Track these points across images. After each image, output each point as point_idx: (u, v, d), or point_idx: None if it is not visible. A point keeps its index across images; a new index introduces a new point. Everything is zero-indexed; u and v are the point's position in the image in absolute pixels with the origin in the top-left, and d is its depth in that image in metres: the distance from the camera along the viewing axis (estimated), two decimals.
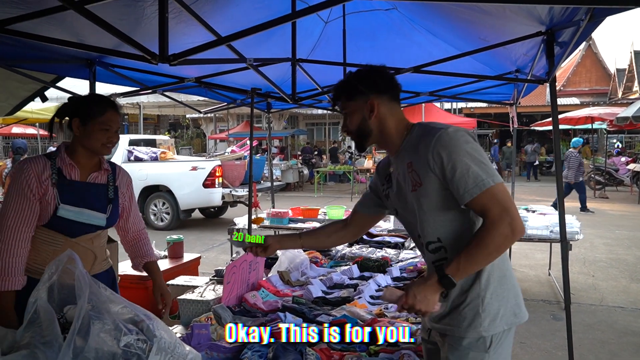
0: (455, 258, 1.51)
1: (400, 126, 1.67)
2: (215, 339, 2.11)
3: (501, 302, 1.57)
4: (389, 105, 1.66)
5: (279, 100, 4.71)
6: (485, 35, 3.36)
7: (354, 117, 1.68)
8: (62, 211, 2.01)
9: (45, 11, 1.92)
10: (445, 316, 1.62)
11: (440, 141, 1.51)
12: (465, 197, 1.48)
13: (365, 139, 1.70)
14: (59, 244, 2.05)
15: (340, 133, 23.69)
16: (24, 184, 1.98)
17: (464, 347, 1.57)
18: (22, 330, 1.39)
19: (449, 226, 1.58)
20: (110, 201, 2.17)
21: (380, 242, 3.97)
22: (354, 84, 1.66)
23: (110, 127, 2.06)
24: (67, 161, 2.07)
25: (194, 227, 9.80)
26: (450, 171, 1.49)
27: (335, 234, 2.00)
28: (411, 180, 1.60)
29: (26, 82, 3.83)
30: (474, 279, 1.57)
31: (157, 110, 21.45)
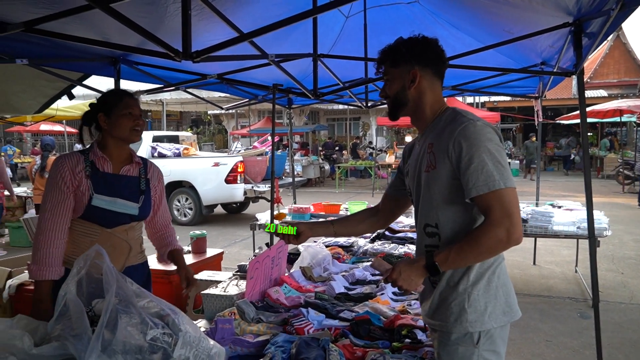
0: (447, 249, 1.53)
1: (435, 105, 1.67)
2: (238, 334, 2.13)
3: (488, 300, 1.56)
4: (430, 80, 1.65)
5: (300, 95, 4.71)
6: (509, 28, 3.29)
7: (394, 84, 1.66)
8: (96, 200, 2.10)
9: (72, 10, 1.95)
10: (435, 310, 1.63)
11: (464, 131, 1.51)
12: (472, 191, 1.49)
13: (400, 108, 1.69)
14: (95, 235, 2.14)
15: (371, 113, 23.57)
16: (58, 178, 2.08)
17: (452, 342, 1.58)
18: (53, 323, 1.42)
19: (450, 216, 1.60)
20: (142, 192, 2.26)
21: (402, 238, 3.94)
22: (401, 51, 1.63)
23: (133, 111, 2.15)
24: (100, 154, 2.17)
25: (216, 223, 9.90)
26: (465, 163, 1.49)
27: (367, 220, 2.02)
28: (427, 160, 1.62)
29: (54, 80, 3.92)
30: (462, 275, 1.58)
31: (180, 106, 21.70)
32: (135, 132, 2.17)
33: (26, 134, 22.10)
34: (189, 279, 2.34)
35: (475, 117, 1.56)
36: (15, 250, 7.05)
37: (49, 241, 2.04)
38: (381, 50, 1.70)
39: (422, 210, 1.67)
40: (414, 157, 1.74)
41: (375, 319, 2.18)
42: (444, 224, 1.60)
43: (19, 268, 3.78)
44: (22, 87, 4.07)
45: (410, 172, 1.77)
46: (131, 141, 2.22)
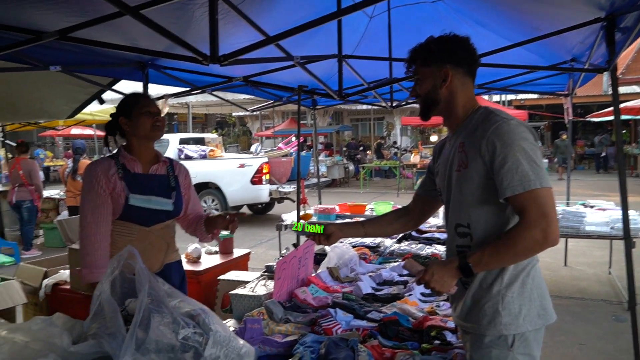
0: (480, 249, 1.51)
1: (468, 104, 1.65)
2: (267, 334, 2.14)
3: (523, 303, 1.53)
4: (462, 79, 1.63)
5: (324, 96, 4.72)
6: (538, 24, 3.22)
7: (425, 83, 1.65)
8: (132, 200, 2.17)
9: (103, 18, 2.01)
10: (467, 312, 1.60)
11: (498, 130, 1.48)
12: (506, 191, 1.46)
13: (432, 108, 1.67)
14: (134, 234, 2.21)
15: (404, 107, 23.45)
16: (94, 183, 2.16)
17: (486, 345, 1.55)
18: (89, 322, 1.46)
19: (482, 216, 1.57)
20: (173, 189, 2.33)
21: (429, 238, 3.91)
22: (433, 50, 1.62)
23: (150, 109, 2.23)
24: (128, 156, 2.25)
25: (242, 223, 9.89)
26: (499, 162, 1.46)
27: (398, 221, 2.01)
28: (458, 160, 1.59)
29: (85, 86, 4.03)
30: (496, 276, 1.55)
31: (205, 109, 22.03)
32: (156, 128, 2.25)
33: (58, 138, 22.74)
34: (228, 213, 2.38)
35: (509, 116, 1.53)
36: (50, 251, 7.28)
37: (95, 244, 2.13)
38: (412, 49, 1.68)
39: (453, 210, 1.65)
40: (445, 156, 1.73)
41: (403, 320, 2.17)
42: (476, 224, 1.58)
43: (54, 268, 3.90)
44: (56, 93, 4.20)
45: (440, 171, 1.75)
46: (153, 138, 2.28)
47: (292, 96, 5.03)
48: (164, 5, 1.98)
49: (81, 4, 2.18)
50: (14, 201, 7.31)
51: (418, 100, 1.70)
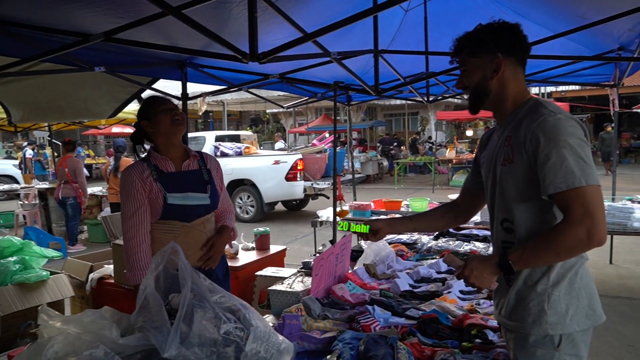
0: (521, 247, 1.46)
1: (519, 96, 1.57)
2: (305, 330, 2.16)
3: (570, 302, 1.49)
4: (514, 69, 1.56)
5: (359, 92, 4.69)
6: (583, 12, 3.10)
7: (474, 74, 1.57)
8: (170, 199, 2.23)
9: (146, 18, 2.05)
10: (511, 310, 1.56)
11: (544, 124, 1.42)
12: (548, 188, 1.40)
13: (482, 100, 1.59)
14: (176, 230, 2.27)
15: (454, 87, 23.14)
16: (130, 187, 2.22)
17: (531, 344, 1.51)
18: (135, 315, 1.50)
19: (526, 212, 1.51)
20: (207, 182, 2.37)
21: (467, 235, 3.84)
22: (483, 39, 1.53)
23: (166, 106, 2.27)
24: (159, 157, 2.30)
25: (277, 220, 10.09)
26: (543, 158, 1.41)
27: (447, 215, 1.97)
28: (504, 153, 1.54)
29: (126, 85, 4.14)
30: (542, 274, 1.50)
31: (240, 106, 22.30)
32: (176, 122, 2.27)
33: (99, 136, 23.55)
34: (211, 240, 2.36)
35: (558, 109, 1.46)
36: (94, 246, 7.55)
37: (136, 247, 2.19)
38: (458, 39, 1.60)
39: (498, 204, 1.60)
40: (491, 148, 1.67)
41: (443, 318, 2.14)
42: (519, 220, 1.53)
43: (99, 262, 4.04)
44: (99, 93, 4.34)
45: (485, 163, 1.70)
46: (176, 133, 2.29)
47: (328, 92, 5.03)
48: (204, 5, 2.01)
49: (124, 6, 2.25)
50: (60, 197, 7.63)
51: (466, 92, 1.64)
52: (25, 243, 3.91)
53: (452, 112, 20.81)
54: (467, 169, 14.52)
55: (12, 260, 3.64)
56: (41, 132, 10.23)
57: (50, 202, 8.60)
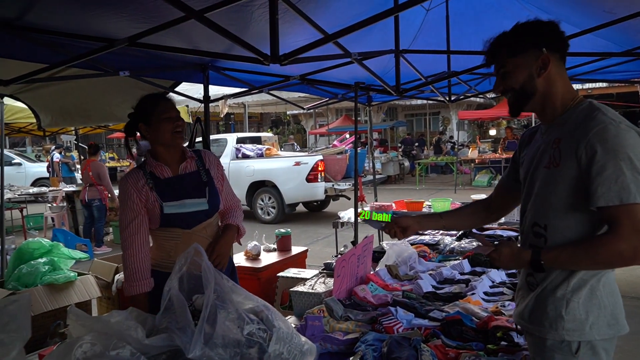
0: (558, 249, 1.43)
1: (567, 95, 1.49)
2: (328, 331, 2.15)
3: (591, 310, 1.44)
4: (559, 66, 1.48)
5: (380, 92, 4.67)
6: (610, 8, 3.03)
7: (518, 74, 1.48)
8: (167, 209, 2.17)
9: (170, 23, 2.08)
10: (529, 313, 1.53)
11: (603, 133, 1.35)
12: (599, 201, 1.34)
13: (527, 101, 1.51)
14: (178, 237, 2.22)
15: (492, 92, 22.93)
16: (126, 198, 2.18)
17: (548, 349, 1.48)
18: (160, 316, 1.53)
19: (563, 221, 1.45)
20: (206, 184, 2.27)
21: (491, 236, 3.78)
22: (524, 36, 1.46)
23: (170, 114, 2.16)
24: (154, 163, 2.22)
25: (298, 221, 10.11)
26: (598, 169, 1.34)
27: (478, 214, 1.90)
28: (550, 156, 1.47)
29: (149, 89, 4.19)
30: (562, 280, 1.46)
31: (260, 108, 22.48)
32: (177, 134, 2.18)
33: (124, 139, 23.99)
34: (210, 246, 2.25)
35: (619, 118, 1.38)
36: (119, 248, 7.69)
37: (132, 257, 2.15)
38: (493, 40, 1.52)
39: (533, 207, 1.54)
40: (533, 147, 1.59)
41: (467, 320, 2.11)
42: (554, 228, 1.47)
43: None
44: (123, 97, 4.41)
45: (525, 162, 1.62)
46: (174, 145, 2.21)
47: (348, 93, 5.02)
48: (225, 8, 2.03)
49: (148, 12, 2.28)
50: (86, 200, 7.81)
51: (507, 95, 1.55)
52: (54, 245, 4.01)
53: (474, 112, 20.56)
54: (490, 168, 14.31)
55: (41, 262, 3.74)
56: (68, 136, 10.48)
57: (77, 205, 8.80)
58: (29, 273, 3.64)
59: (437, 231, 4.04)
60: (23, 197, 10.01)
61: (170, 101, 2.23)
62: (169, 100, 2.23)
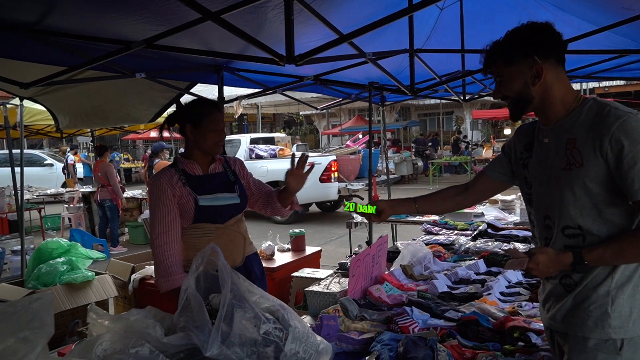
0: (601, 247, 1.41)
1: (568, 96, 1.51)
2: (343, 331, 2.16)
3: (634, 305, 1.43)
4: (555, 71, 1.49)
5: (394, 92, 4.66)
6: (629, 5, 2.98)
7: (514, 83, 1.50)
8: (202, 201, 2.23)
9: (186, 25, 2.11)
10: (566, 314, 1.50)
11: (625, 126, 1.35)
12: (638, 193, 1.35)
13: (524, 108, 1.53)
14: (211, 234, 2.27)
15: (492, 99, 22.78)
16: (159, 194, 2.22)
17: (590, 349, 1.45)
18: (178, 315, 1.54)
19: (598, 218, 1.45)
20: (234, 183, 2.37)
21: (506, 235, 3.74)
22: (516, 46, 1.47)
23: (218, 126, 2.25)
24: (186, 161, 2.30)
25: (312, 221, 10.12)
26: (628, 162, 1.34)
27: (452, 199, 1.91)
28: (567, 157, 1.46)
29: (165, 90, 4.25)
30: (606, 276, 1.45)
31: (273, 109, 22.56)
32: (218, 146, 2.29)
33: (138, 141, 24.27)
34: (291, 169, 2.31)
35: (631, 110, 1.40)
36: (135, 248, 7.78)
37: (165, 254, 2.18)
38: (488, 50, 1.54)
39: (560, 210, 1.51)
40: (541, 150, 1.59)
41: (483, 320, 2.10)
42: (588, 227, 1.46)
43: (140, 263, 4.17)
44: (140, 98, 4.47)
45: (532, 165, 1.62)
46: (214, 154, 2.32)
47: (362, 93, 5.02)
48: (241, 10, 2.04)
49: (164, 14, 2.31)
50: (99, 200, 7.94)
51: (506, 101, 1.57)
52: (72, 245, 4.07)
53: (488, 111, 20.39)
54: None
55: (60, 261, 3.80)
56: (85, 137, 10.63)
57: (93, 205, 8.92)
58: (48, 272, 3.71)
59: (452, 231, 4.02)
60: (41, 198, 10.18)
61: (222, 114, 2.33)
62: (221, 112, 2.32)
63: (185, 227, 2.27)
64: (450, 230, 4.07)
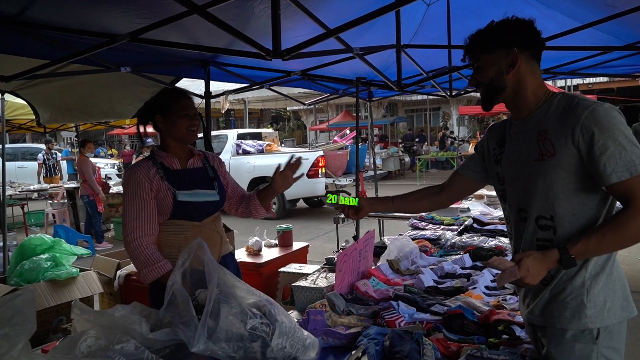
0: (583, 239, 1.42)
1: (539, 90, 1.56)
2: (330, 325, 2.16)
3: (608, 294, 1.48)
4: (530, 64, 1.55)
5: (382, 88, 4.67)
6: (612, 1, 3.02)
7: (489, 70, 1.56)
8: (180, 196, 2.16)
9: (171, 18, 2.08)
10: (544, 307, 1.54)
11: (593, 115, 1.41)
12: (611, 177, 1.38)
13: (496, 95, 1.58)
14: (187, 231, 2.21)
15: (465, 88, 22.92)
16: (136, 186, 2.13)
17: (568, 340, 1.49)
18: (164, 310, 1.53)
19: (570, 208, 1.48)
20: (213, 179, 2.32)
21: (492, 230, 3.79)
22: (496, 34, 1.54)
23: (188, 112, 2.19)
24: (164, 154, 2.23)
25: (299, 217, 10.12)
26: (599, 148, 1.39)
27: (429, 198, 1.99)
28: (539, 148, 1.51)
29: (149, 85, 4.20)
30: (579, 268, 1.48)
31: (261, 104, 22.45)
32: (191, 132, 2.21)
33: (124, 136, 24.01)
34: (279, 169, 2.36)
35: (598, 101, 1.46)
36: (121, 244, 7.68)
37: (143, 245, 2.10)
38: (470, 36, 1.60)
39: (532, 201, 1.55)
40: (513, 144, 1.63)
41: (468, 314, 2.12)
42: (561, 216, 1.50)
43: (126, 259, 4.12)
44: (124, 93, 4.42)
45: (505, 159, 1.66)
46: (188, 141, 2.25)
47: (350, 88, 5.02)
48: (227, 3, 2.03)
49: (150, 6, 2.28)
50: (80, 195, 7.85)
51: (480, 88, 1.62)
52: (56, 241, 4.02)
53: (475, 107, 20.53)
54: None
55: (43, 258, 3.75)
56: (69, 132, 10.48)
57: (78, 201, 8.81)
58: (31, 269, 3.65)
59: (438, 226, 4.05)
60: (24, 193, 10.03)
61: (190, 99, 2.26)
62: (189, 98, 2.26)
63: (161, 222, 2.19)
64: (436, 225, 4.10)
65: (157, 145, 2.29)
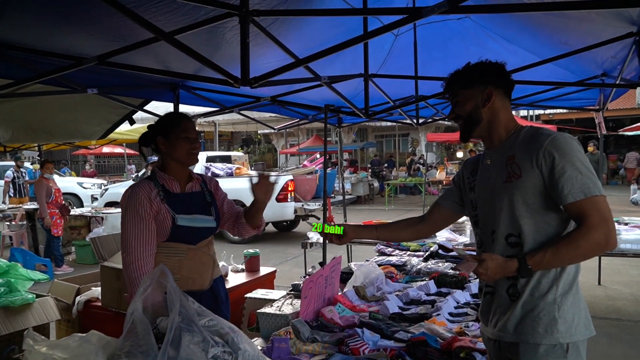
0: (540, 251, 1.56)
1: (510, 124, 1.74)
2: (294, 353, 2.14)
3: (575, 312, 1.59)
4: (502, 100, 1.73)
5: (350, 115, 4.75)
6: (566, 40, 3.19)
7: (467, 104, 1.73)
8: (180, 220, 2.18)
9: (139, 43, 2.08)
10: (517, 323, 1.62)
11: (555, 142, 1.57)
12: (568, 198, 1.52)
13: (473, 127, 1.75)
14: (182, 254, 2.22)
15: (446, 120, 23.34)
16: (138, 207, 2.13)
17: (541, 355, 1.58)
18: (122, 339, 1.49)
19: (533, 225, 1.62)
20: (210, 204, 2.35)
21: (457, 256, 3.85)
22: (474, 72, 1.72)
23: (189, 134, 2.23)
24: (166, 177, 2.24)
25: (267, 241, 10.03)
26: (559, 171, 1.54)
27: (411, 228, 2.09)
28: (507, 171, 1.65)
29: (117, 107, 4.16)
30: (551, 284, 1.61)
31: (231, 127, 22.37)
32: (192, 155, 2.24)
33: (90, 156, 23.42)
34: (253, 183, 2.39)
35: (559, 132, 1.64)
36: (82, 268, 7.44)
37: (142, 269, 2.08)
38: (452, 74, 1.78)
39: (501, 220, 1.67)
40: (485, 171, 1.78)
41: (431, 341, 2.14)
42: (527, 233, 1.62)
43: (86, 285, 3.99)
44: (90, 114, 4.34)
45: (478, 186, 1.80)
46: (189, 164, 2.28)
47: (319, 114, 5.08)
48: (196, 30, 2.05)
49: (119, 30, 2.27)
50: (37, 217, 7.52)
51: (458, 121, 1.78)
52: (11, 265, 3.85)
53: (443, 134, 21.05)
54: None
55: None
56: (31, 151, 10.15)
57: (37, 224, 8.49)
58: None
59: (405, 252, 4.10)
60: None
61: (192, 122, 2.29)
62: (190, 121, 2.28)
63: (157, 244, 2.19)
64: (402, 251, 4.14)
65: (158, 167, 2.29)
